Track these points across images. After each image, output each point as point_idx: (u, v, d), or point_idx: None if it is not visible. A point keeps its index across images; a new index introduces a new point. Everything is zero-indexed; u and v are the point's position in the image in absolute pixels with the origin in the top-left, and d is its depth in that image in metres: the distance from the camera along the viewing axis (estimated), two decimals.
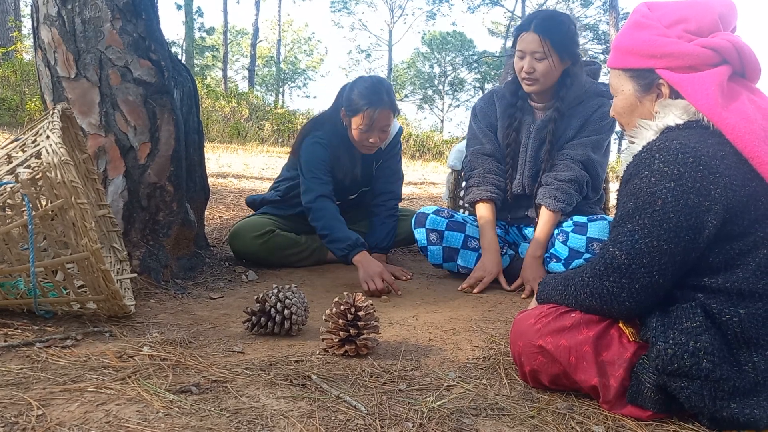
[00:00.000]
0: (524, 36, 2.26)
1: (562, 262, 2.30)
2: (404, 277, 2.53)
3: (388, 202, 2.74)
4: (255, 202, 2.89)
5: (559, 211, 2.32)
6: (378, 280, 2.24)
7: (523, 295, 2.29)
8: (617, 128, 1.96)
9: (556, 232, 2.34)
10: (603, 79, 2.67)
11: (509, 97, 2.46)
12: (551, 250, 2.34)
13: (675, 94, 1.28)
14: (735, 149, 1.19)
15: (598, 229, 2.24)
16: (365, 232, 2.72)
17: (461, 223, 2.49)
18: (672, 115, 1.28)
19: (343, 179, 2.62)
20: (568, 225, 2.31)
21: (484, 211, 2.45)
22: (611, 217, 2.30)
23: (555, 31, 2.22)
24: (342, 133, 2.56)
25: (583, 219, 2.31)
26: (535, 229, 2.38)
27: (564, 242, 2.29)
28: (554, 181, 2.33)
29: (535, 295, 1.52)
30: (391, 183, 2.76)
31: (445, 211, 2.53)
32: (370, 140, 2.48)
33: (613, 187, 3.45)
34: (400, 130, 2.76)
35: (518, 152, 2.46)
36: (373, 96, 2.42)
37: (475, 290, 2.33)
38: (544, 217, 2.35)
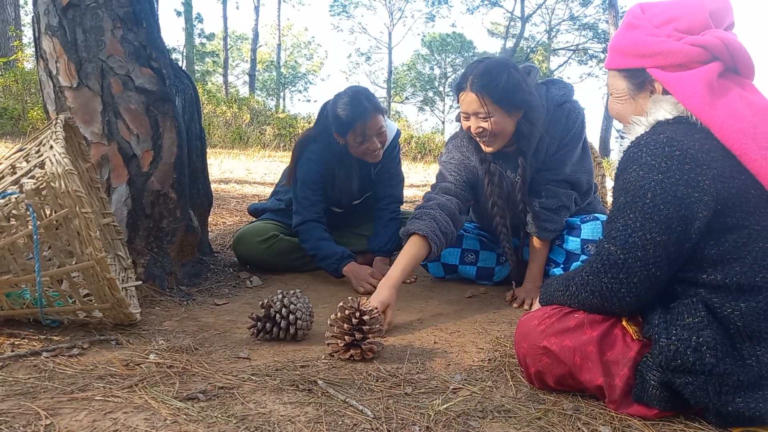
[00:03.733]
0: (463, 96, 2.04)
1: (561, 266, 2.28)
2: (408, 280, 2.53)
3: (390, 206, 2.74)
4: (258, 211, 2.90)
5: (549, 239, 2.26)
6: (369, 281, 2.35)
7: (514, 305, 2.21)
8: (620, 126, 1.92)
9: None
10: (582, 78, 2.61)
11: (476, 155, 2.24)
12: (549, 255, 2.33)
13: (666, 91, 1.30)
14: (721, 144, 1.20)
15: (591, 230, 2.20)
16: (370, 235, 2.73)
17: (458, 237, 2.48)
18: (662, 110, 1.29)
19: (340, 196, 2.61)
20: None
21: (409, 245, 2.05)
22: (604, 216, 2.29)
23: (493, 87, 1.98)
24: (337, 149, 2.54)
25: (576, 221, 2.26)
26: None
27: (560, 245, 2.28)
28: (542, 211, 2.22)
29: (538, 298, 1.52)
30: (391, 186, 2.75)
31: None
32: (371, 148, 2.47)
33: (609, 183, 3.45)
34: (398, 134, 2.75)
35: (504, 198, 2.28)
36: (356, 109, 2.39)
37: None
38: (537, 246, 2.27)
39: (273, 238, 2.59)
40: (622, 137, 1.38)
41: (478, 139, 2.12)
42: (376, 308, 1.63)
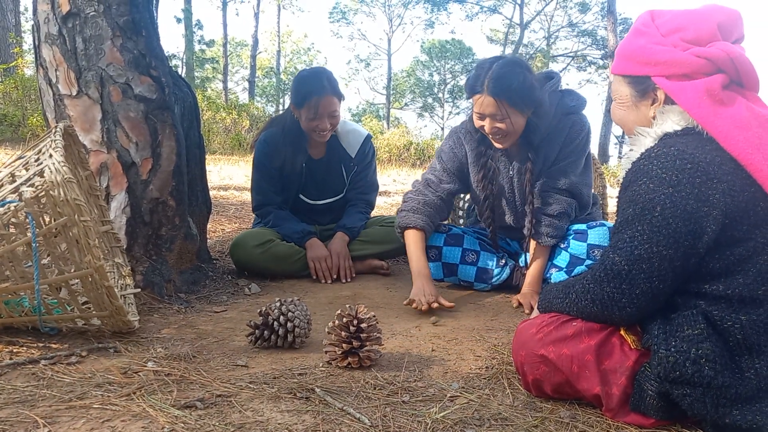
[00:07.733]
0: (479, 99, 2.09)
1: (564, 270, 2.30)
2: (380, 270, 2.76)
3: (360, 205, 2.90)
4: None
5: (551, 246, 2.32)
6: (322, 261, 2.61)
7: (526, 310, 2.23)
8: (618, 132, 1.95)
9: None
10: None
11: (477, 146, 2.34)
12: (551, 261, 2.34)
13: (670, 101, 1.30)
14: (732, 156, 1.20)
15: (598, 235, 2.26)
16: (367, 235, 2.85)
17: (459, 236, 2.49)
18: (670, 121, 1.29)
19: (282, 166, 2.76)
20: (568, 233, 2.32)
21: (411, 238, 2.34)
22: (611, 223, 2.31)
23: (510, 91, 2.04)
24: (290, 127, 2.72)
25: (583, 226, 2.32)
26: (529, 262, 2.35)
27: (565, 249, 2.30)
28: (544, 217, 2.28)
29: (536, 305, 1.52)
30: (365, 194, 2.92)
31: (443, 226, 2.52)
32: (320, 126, 2.61)
33: (613, 192, 3.46)
34: (368, 137, 2.89)
35: (500, 197, 2.39)
36: (314, 84, 2.58)
37: (423, 308, 2.12)
38: (537, 252, 2.32)
39: (269, 243, 2.62)
40: (621, 143, 1.39)
41: (492, 138, 2.19)
42: (374, 315, 1.63)
